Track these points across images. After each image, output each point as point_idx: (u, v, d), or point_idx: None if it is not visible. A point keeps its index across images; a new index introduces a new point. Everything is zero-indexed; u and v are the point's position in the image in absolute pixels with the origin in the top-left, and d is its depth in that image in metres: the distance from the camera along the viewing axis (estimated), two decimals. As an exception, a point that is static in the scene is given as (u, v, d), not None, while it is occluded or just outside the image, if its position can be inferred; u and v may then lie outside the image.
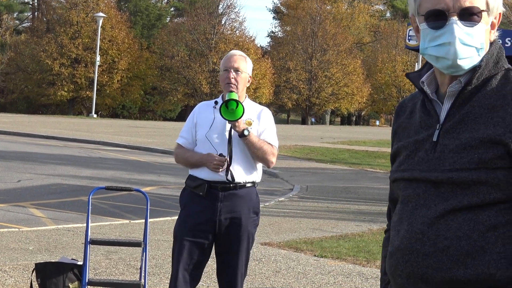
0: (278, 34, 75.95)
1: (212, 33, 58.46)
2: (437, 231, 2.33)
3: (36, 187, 15.67)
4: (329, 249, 10.19)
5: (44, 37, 55.84)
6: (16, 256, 9.00)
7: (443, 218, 2.33)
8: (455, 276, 2.29)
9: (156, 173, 19.54)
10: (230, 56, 5.65)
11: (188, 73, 56.92)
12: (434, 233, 2.33)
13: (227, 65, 5.60)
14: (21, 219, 11.98)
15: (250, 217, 5.55)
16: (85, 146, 26.72)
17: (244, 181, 5.53)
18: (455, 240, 2.29)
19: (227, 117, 5.37)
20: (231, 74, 5.56)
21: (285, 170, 21.00)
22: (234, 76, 5.56)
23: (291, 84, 62.74)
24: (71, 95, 56.31)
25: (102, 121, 46.58)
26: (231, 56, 5.65)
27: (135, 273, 8.29)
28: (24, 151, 22.91)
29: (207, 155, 5.45)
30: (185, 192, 5.63)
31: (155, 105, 63.10)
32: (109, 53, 56.37)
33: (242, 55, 5.70)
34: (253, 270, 8.68)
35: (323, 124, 69.94)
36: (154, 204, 12.35)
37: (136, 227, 11.31)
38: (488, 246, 2.27)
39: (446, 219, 2.32)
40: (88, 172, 18.60)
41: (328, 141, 34.42)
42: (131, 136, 31.82)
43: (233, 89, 5.54)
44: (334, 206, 14.88)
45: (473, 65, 2.38)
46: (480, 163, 2.29)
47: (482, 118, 2.31)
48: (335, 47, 63.29)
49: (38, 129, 32.49)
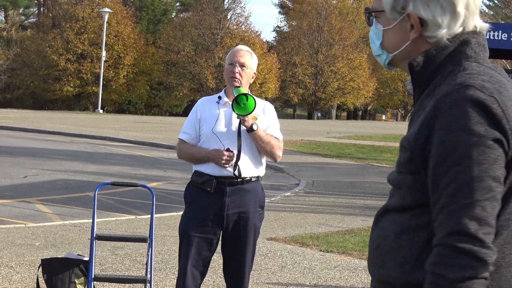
0: (283, 29, 75.87)
1: (217, 28, 58.41)
2: (374, 230, 2.43)
3: (42, 182, 15.69)
4: (335, 244, 10.18)
5: (50, 33, 55.85)
6: (23, 252, 9.02)
7: (381, 217, 2.42)
8: (376, 275, 2.37)
9: (162, 168, 19.55)
10: (237, 51, 5.65)
11: (194, 68, 56.89)
12: (373, 231, 2.44)
13: (233, 60, 5.60)
14: (27, 215, 12.00)
15: (256, 211, 5.57)
16: (91, 141, 26.74)
17: (250, 176, 5.54)
18: (381, 239, 2.37)
19: (241, 112, 5.36)
20: (236, 68, 5.56)
21: (291, 165, 20.99)
22: (239, 71, 5.56)
23: (297, 79, 62.66)
24: (77, 91, 56.33)
25: (108, 116, 46.60)
26: (238, 51, 5.65)
27: (141, 268, 8.30)
28: (30, 146, 22.93)
29: (215, 150, 5.44)
30: (190, 188, 5.63)
31: (161, 100, 63.12)
32: (115, 49, 56.36)
33: (249, 50, 5.70)
34: (259, 265, 8.68)
35: (329, 118, 69.87)
36: (160, 199, 12.36)
37: (142, 222, 11.31)
38: (399, 249, 2.30)
39: (382, 218, 2.41)
40: (94, 168, 18.61)
41: (334, 135, 34.39)
42: (137, 131, 31.83)
43: (237, 83, 5.54)
44: (340, 201, 14.87)
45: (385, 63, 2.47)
46: (398, 166, 2.35)
47: (414, 121, 2.34)
48: (341, 41, 63.18)
49: (44, 124, 32.52)
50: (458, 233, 2.14)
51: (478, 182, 2.14)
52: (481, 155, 2.15)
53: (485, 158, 2.15)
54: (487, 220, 2.13)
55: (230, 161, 5.42)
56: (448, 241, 2.15)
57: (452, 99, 2.20)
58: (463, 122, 2.16)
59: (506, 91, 2.24)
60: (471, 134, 2.15)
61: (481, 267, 2.11)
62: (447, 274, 2.12)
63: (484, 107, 2.17)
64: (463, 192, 2.15)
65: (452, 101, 2.20)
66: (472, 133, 2.15)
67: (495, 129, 2.16)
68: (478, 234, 2.12)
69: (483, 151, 2.15)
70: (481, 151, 2.15)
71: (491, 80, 2.24)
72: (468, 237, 2.12)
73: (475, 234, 2.12)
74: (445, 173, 2.18)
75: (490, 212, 2.14)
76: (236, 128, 5.52)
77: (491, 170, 2.14)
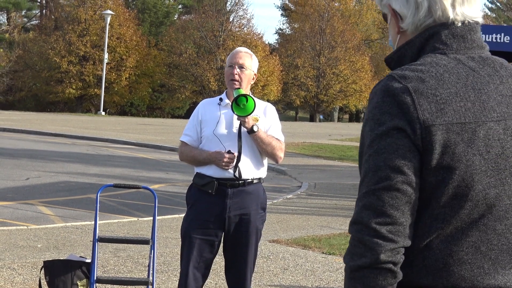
0: (286, 31, 75.85)
1: (220, 30, 58.42)
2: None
3: (45, 184, 15.70)
4: (337, 246, 10.18)
5: (52, 35, 55.88)
6: (25, 253, 9.02)
7: None
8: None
9: (164, 170, 19.55)
10: (236, 53, 5.67)
11: (196, 70, 56.90)
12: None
13: (232, 61, 5.62)
14: (30, 217, 12.00)
15: (258, 213, 5.57)
16: (93, 143, 26.75)
17: (252, 177, 5.54)
18: None
19: (240, 113, 5.36)
20: (235, 70, 5.58)
21: (293, 167, 20.99)
22: (238, 73, 5.58)
23: (299, 81, 62.65)
24: (79, 93, 56.34)
25: (110, 118, 46.62)
26: (237, 52, 5.68)
27: (143, 270, 8.30)
28: (33, 148, 22.94)
29: (216, 153, 5.45)
30: (192, 190, 5.63)
31: (163, 103, 63.10)
32: (117, 51, 56.38)
33: (248, 52, 5.71)
34: (261, 268, 8.67)
35: (331, 121, 69.86)
36: (162, 201, 12.36)
37: (144, 224, 11.32)
38: None
39: None
40: (96, 170, 18.61)
41: (336, 138, 34.39)
42: (139, 133, 31.84)
43: (236, 85, 5.55)
44: (342, 203, 14.87)
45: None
46: None
47: None
48: (343, 44, 63.18)
49: (46, 126, 32.54)
50: (354, 222, 2.17)
51: (375, 171, 2.14)
52: (381, 145, 2.14)
53: (384, 147, 2.14)
54: (382, 209, 2.12)
55: (231, 163, 5.43)
56: (350, 230, 2.19)
57: (374, 90, 2.23)
58: (374, 112, 2.17)
59: (434, 80, 2.18)
60: (377, 124, 2.15)
61: (373, 257, 2.10)
62: (347, 261, 2.16)
63: (393, 95, 2.15)
64: (363, 182, 2.17)
65: (373, 92, 2.22)
66: (378, 122, 2.15)
67: (400, 118, 2.13)
68: (370, 224, 2.12)
69: (384, 140, 2.14)
70: (382, 141, 2.14)
71: (423, 70, 2.20)
72: (362, 225, 2.14)
73: (367, 224, 2.13)
74: (360, 163, 2.21)
75: (388, 201, 2.12)
76: (237, 129, 5.52)
77: (390, 160, 2.12)
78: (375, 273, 2.11)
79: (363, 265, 2.12)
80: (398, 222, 2.13)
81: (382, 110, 2.16)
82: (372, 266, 2.11)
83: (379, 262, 2.11)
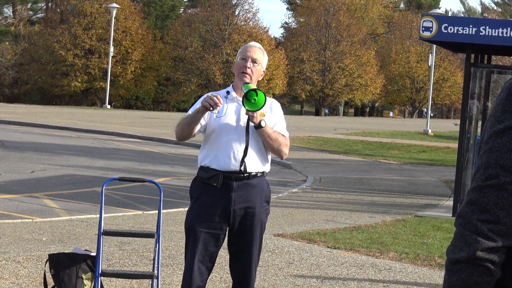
0: (291, 25, 75.82)
1: (225, 24, 58.40)
2: None
3: (50, 178, 15.71)
4: (342, 240, 10.17)
5: (58, 28, 55.95)
6: (30, 247, 9.02)
7: None
8: None
9: (169, 164, 19.55)
10: (250, 47, 5.65)
11: (201, 64, 56.92)
12: None
13: (245, 54, 5.59)
14: (35, 210, 12.01)
15: (262, 206, 5.56)
16: (98, 137, 26.77)
17: (256, 171, 5.53)
18: None
19: (250, 107, 5.34)
20: (248, 63, 5.55)
21: (299, 161, 20.98)
22: (250, 66, 5.55)
23: (305, 75, 62.62)
24: (84, 86, 56.42)
25: (115, 112, 46.64)
26: (251, 46, 5.65)
27: (148, 264, 8.30)
28: (38, 141, 22.97)
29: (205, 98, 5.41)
30: (196, 183, 5.61)
31: (168, 96, 63.14)
32: (123, 44, 56.43)
33: (261, 48, 5.71)
34: (266, 261, 8.67)
35: (336, 115, 69.83)
36: (167, 195, 12.36)
37: (149, 218, 11.32)
38: None
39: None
40: (101, 163, 18.63)
41: (341, 132, 34.37)
42: (145, 127, 31.85)
43: (247, 79, 5.53)
44: (348, 197, 14.86)
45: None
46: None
47: None
48: (349, 38, 63.12)
49: (52, 120, 32.56)
50: (458, 215, 2.17)
51: (485, 168, 2.14)
52: (496, 142, 2.14)
53: (499, 145, 2.14)
54: (487, 207, 2.11)
55: (213, 105, 5.34)
56: (455, 222, 2.19)
57: (504, 85, 2.23)
58: (497, 109, 2.19)
59: None
60: (496, 121, 2.16)
61: (470, 252, 2.10)
62: (448, 253, 2.17)
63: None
64: (474, 177, 2.17)
65: (502, 87, 2.23)
66: (497, 119, 2.16)
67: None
68: (472, 220, 2.12)
69: (500, 138, 2.14)
70: (498, 138, 2.14)
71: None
72: (465, 220, 2.13)
73: (470, 219, 2.12)
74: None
75: (494, 200, 2.11)
76: (245, 123, 5.50)
77: (501, 159, 2.12)
78: (471, 268, 2.11)
79: (459, 259, 2.12)
80: (502, 221, 2.12)
81: (504, 108, 2.16)
82: (468, 261, 2.11)
83: (476, 258, 2.10)
